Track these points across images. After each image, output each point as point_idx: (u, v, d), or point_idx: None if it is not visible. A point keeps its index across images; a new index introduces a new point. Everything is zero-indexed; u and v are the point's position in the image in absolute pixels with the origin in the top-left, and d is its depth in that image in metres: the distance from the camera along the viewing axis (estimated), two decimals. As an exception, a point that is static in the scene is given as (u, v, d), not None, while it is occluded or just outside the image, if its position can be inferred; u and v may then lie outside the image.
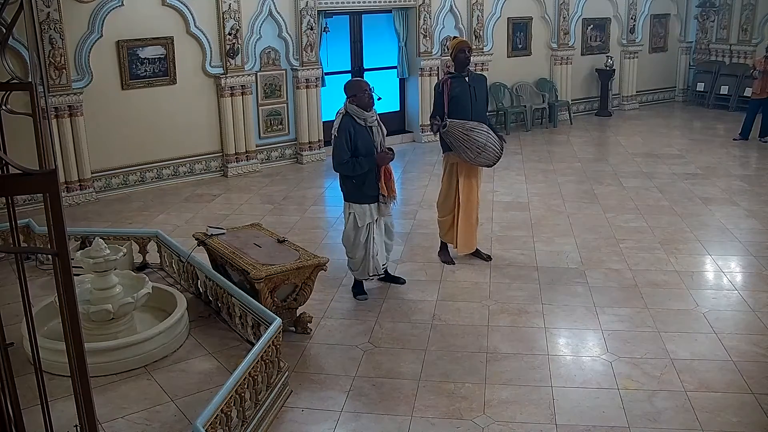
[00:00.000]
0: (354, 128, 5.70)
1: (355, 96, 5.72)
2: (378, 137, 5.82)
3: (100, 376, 4.56)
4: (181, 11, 9.58)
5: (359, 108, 5.72)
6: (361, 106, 5.72)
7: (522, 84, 13.42)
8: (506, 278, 6.45)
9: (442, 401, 4.52)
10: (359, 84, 5.80)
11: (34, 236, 6.68)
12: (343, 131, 5.69)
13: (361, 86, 5.76)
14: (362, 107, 5.72)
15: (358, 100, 5.72)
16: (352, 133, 5.68)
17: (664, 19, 15.34)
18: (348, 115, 5.74)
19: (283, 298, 5.34)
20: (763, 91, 11.86)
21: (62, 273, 2.05)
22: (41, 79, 2.37)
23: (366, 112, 5.73)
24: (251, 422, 4.06)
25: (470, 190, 6.60)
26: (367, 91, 5.73)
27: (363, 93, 5.72)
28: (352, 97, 5.74)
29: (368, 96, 5.73)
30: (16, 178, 1.91)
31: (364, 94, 5.71)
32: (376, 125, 5.83)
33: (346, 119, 5.73)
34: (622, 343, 5.22)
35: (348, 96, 5.77)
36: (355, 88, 5.76)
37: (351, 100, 5.74)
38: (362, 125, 5.74)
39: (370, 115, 5.76)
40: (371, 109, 5.78)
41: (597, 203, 8.65)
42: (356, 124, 5.72)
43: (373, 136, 5.79)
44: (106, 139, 9.30)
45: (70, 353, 2.32)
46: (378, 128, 5.84)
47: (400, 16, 11.82)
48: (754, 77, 12.04)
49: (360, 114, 5.72)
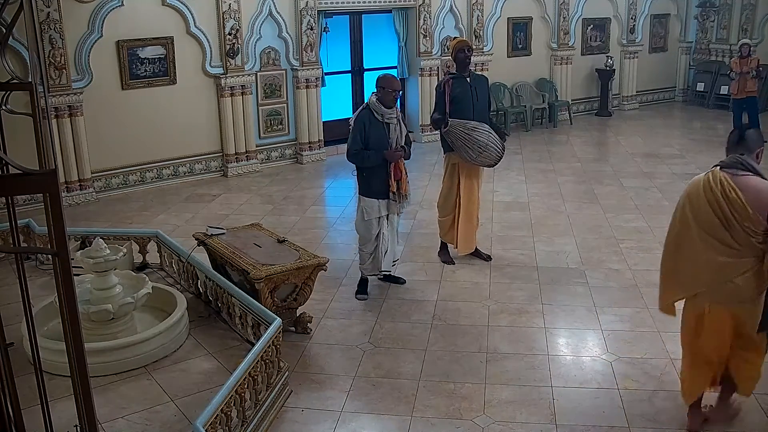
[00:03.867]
0: (370, 121, 5.79)
1: (382, 89, 5.78)
2: (394, 134, 5.88)
3: (100, 376, 4.56)
4: (181, 11, 9.58)
5: (380, 103, 5.79)
6: (384, 101, 5.79)
7: (522, 84, 13.42)
8: (506, 278, 6.45)
9: (442, 401, 4.52)
10: (391, 81, 5.84)
11: (34, 236, 6.68)
12: (359, 123, 5.79)
13: (392, 83, 5.81)
14: (384, 103, 5.79)
15: (383, 94, 5.78)
16: (366, 125, 5.77)
17: (664, 19, 15.34)
18: (368, 108, 5.83)
19: (283, 298, 5.34)
20: (741, 91, 11.89)
21: (62, 273, 2.05)
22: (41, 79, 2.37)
23: (385, 108, 5.80)
24: (251, 422, 4.06)
25: (471, 191, 6.60)
26: (395, 90, 5.80)
27: (390, 90, 5.78)
28: (380, 89, 5.79)
29: (393, 95, 5.80)
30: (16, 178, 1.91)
31: (390, 92, 5.77)
32: (394, 123, 5.88)
33: (365, 112, 5.84)
34: (622, 343, 5.22)
35: (377, 86, 5.84)
36: (386, 82, 5.81)
37: (377, 92, 5.82)
38: (379, 120, 5.80)
39: (388, 112, 5.82)
40: (392, 107, 5.84)
41: (597, 203, 8.65)
42: (373, 118, 5.80)
43: (389, 132, 5.85)
44: (106, 139, 9.30)
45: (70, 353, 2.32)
46: (396, 126, 5.90)
47: (400, 16, 11.83)
48: (732, 78, 12.06)
49: (378, 109, 5.79)
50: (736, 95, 12.01)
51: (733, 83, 12.04)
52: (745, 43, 12.20)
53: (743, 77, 11.76)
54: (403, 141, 5.95)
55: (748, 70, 11.74)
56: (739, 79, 11.80)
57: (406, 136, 6.03)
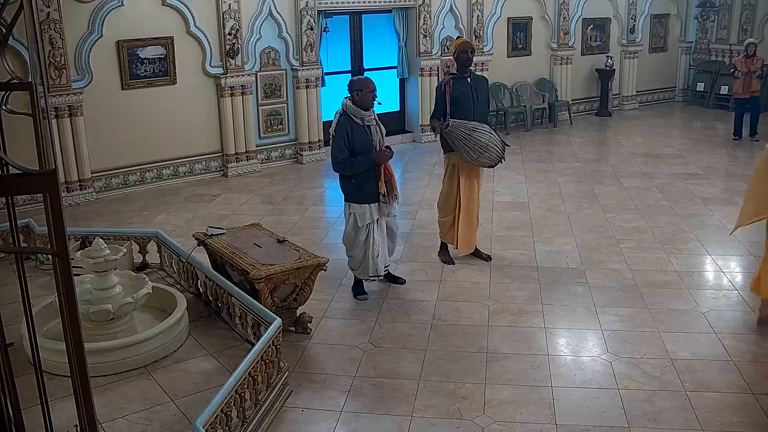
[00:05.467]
0: (351, 127, 5.68)
1: (360, 91, 5.68)
2: (377, 136, 5.81)
3: (100, 376, 4.56)
4: (181, 11, 9.58)
5: (358, 107, 5.70)
6: (363, 104, 5.69)
7: (522, 84, 13.42)
8: (506, 278, 6.45)
9: (442, 401, 4.52)
10: (366, 82, 5.76)
11: (34, 236, 6.68)
12: (341, 130, 5.67)
13: (368, 84, 5.73)
14: (362, 106, 5.70)
15: (361, 96, 5.67)
16: (349, 131, 5.66)
17: (664, 19, 15.34)
18: (345, 114, 5.73)
19: (283, 298, 5.34)
20: (745, 91, 11.89)
21: (62, 273, 2.05)
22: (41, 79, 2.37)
23: (364, 111, 5.72)
24: (251, 422, 4.06)
25: (471, 191, 6.60)
26: (373, 90, 5.71)
27: (368, 91, 5.69)
28: (357, 92, 5.69)
29: (372, 95, 5.71)
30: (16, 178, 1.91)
31: (368, 93, 5.69)
32: (374, 124, 5.81)
33: (344, 118, 5.72)
34: (622, 343, 5.22)
35: (351, 91, 5.74)
36: (362, 84, 5.73)
37: (353, 96, 5.72)
38: (360, 124, 5.72)
39: (368, 115, 5.74)
40: (370, 109, 5.77)
41: (597, 203, 8.65)
42: (354, 123, 5.70)
43: (371, 135, 5.77)
44: (106, 139, 9.30)
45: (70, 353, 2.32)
46: (376, 127, 5.83)
47: (400, 16, 11.82)
48: (736, 77, 12.06)
49: (357, 113, 5.70)
50: (740, 94, 12.00)
51: (738, 82, 12.03)
52: (751, 42, 12.19)
53: (749, 77, 11.76)
54: (384, 141, 5.89)
55: (754, 70, 11.73)
56: (745, 79, 11.80)
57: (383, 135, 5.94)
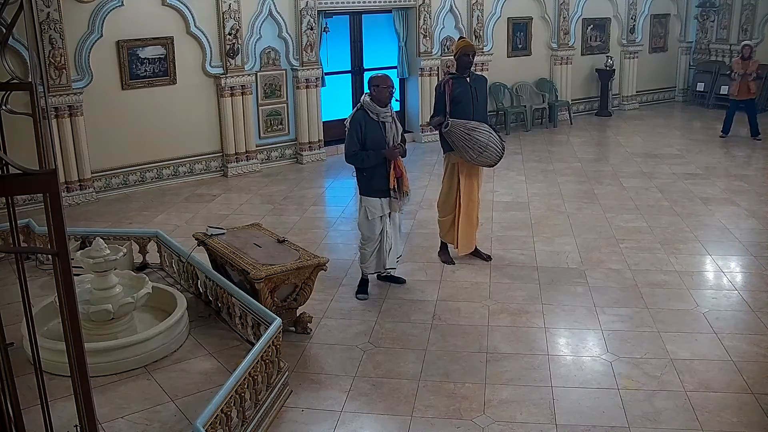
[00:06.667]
0: (365, 121, 5.82)
1: (377, 87, 5.81)
2: (391, 133, 5.92)
3: (100, 376, 4.55)
4: (181, 11, 9.58)
5: (374, 102, 5.82)
6: (379, 99, 5.81)
7: (522, 84, 13.42)
8: (506, 278, 6.45)
9: (442, 401, 4.52)
10: (384, 78, 5.89)
11: (34, 236, 6.68)
12: (355, 124, 5.83)
13: (385, 81, 5.86)
14: (378, 101, 5.82)
15: (378, 92, 5.80)
16: (363, 125, 5.81)
17: (664, 19, 15.33)
18: (362, 109, 5.86)
19: (283, 298, 5.34)
20: (741, 92, 11.89)
21: (62, 273, 2.05)
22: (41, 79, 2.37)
23: (380, 107, 5.83)
24: (251, 422, 4.06)
25: (471, 191, 6.60)
26: (389, 86, 5.84)
27: (384, 87, 5.81)
28: (374, 87, 5.83)
29: (389, 91, 5.84)
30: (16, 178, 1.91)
31: (384, 89, 5.81)
32: (389, 121, 5.92)
33: (360, 112, 5.86)
34: (622, 343, 5.22)
35: (370, 87, 5.88)
36: (379, 80, 5.86)
37: (372, 91, 5.85)
38: (374, 120, 5.83)
39: (383, 111, 5.86)
40: (387, 105, 5.88)
41: (597, 203, 8.65)
42: (368, 118, 5.83)
43: (385, 131, 5.88)
44: (106, 139, 9.30)
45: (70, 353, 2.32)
46: (392, 125, 5.94)
47: (400, 16, 11.82)
48: (733, 78, 12.07)
49: (373, 108, 5.82)
50: (736, 96, 12.02)
51: (734, 84, 12.04)
52: (746, 44, 12.20)
53: (745, 79, 11.76)
54: (399, 139, 5.99)
55: (750, 73, 11.74)
56: (741, 81, 11.80)
57: (402, 135, 6.05)
